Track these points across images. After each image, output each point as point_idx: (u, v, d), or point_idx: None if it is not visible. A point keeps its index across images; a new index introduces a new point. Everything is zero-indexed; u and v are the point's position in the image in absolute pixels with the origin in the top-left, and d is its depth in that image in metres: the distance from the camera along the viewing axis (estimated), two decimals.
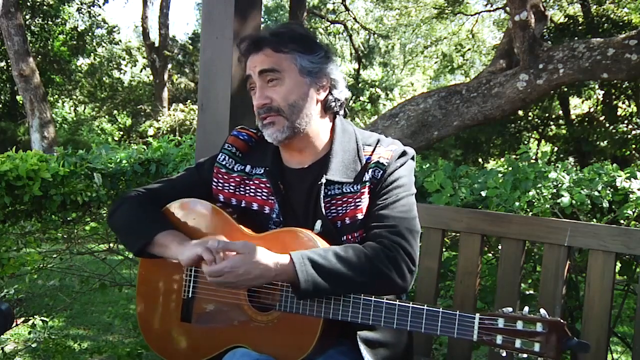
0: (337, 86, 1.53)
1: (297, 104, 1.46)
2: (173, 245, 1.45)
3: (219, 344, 1.48)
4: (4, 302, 1.39)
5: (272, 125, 1.47)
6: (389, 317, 1.32)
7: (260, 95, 1.47)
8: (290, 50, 1.46)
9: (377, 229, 1.43)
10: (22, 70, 9.96)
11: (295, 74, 1.47)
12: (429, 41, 17.61)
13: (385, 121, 5.41)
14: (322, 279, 1.32)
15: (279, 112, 1.46)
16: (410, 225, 1.45)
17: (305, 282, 1.32)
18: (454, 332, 1.28)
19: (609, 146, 8.94)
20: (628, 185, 2.13)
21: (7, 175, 2.69)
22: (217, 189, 1.59)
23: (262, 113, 1.48)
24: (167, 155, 3.06)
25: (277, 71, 1.45)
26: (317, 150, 1.53)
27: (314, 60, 1.48)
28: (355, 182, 1.47)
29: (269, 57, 1.46)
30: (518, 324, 1.24)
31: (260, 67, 1.46)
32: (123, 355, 3.02)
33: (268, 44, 1.46)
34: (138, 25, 21.85)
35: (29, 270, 3.37)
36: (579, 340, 1.22)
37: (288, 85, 1.46)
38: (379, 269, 1.37)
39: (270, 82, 1.46)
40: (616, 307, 2.18)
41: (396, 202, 1.46)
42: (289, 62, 1.46)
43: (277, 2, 22.23)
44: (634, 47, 4.44)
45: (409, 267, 1.41)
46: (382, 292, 1.39)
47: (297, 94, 1.46)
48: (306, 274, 1.32)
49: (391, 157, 1.48)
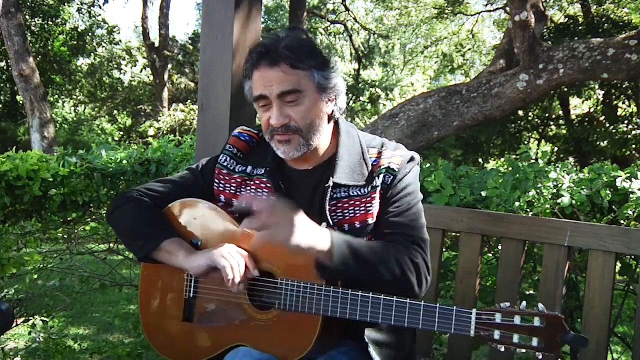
0: (340, 95, 1.51)
1: (314, 122, 1.43)
2: (180, 253, 1.46)
3: (220, 343, 1.48)
4: (4, 302, 1.39)
5: (287, 143, 1.43)
6: (386, 313, 1.32)
7: (279, 114, 1.40)
8: (307, 67, 1.40)
9: (393, 236, 1.44)
10: (22, 70, 9.95)
11: (314, 92, 1.42)
12: (429, 41, 17.61)
13: (385, 121, 5.41)
14: (353, 261, 1.34)
15: (297, 131, 1.42)
16: (422, 234, 1.47)
17: (339, 259, 1.32)
18: (451, 327, 1.28)
19: (609, 146, 8.94)
20: (628, 185, 2.13)
21: (7, 175, 2.69)
22: (218, 189, 1.59)
23: (279, 131, 1.42)
24: (167, 155, 3.06)
25: (298, 91, 1.39)
26: (320, 154, 1.52)
27: (328, 76, 1.44)
28: (364, 185, 1.46)
29: (288, 75, 1.38)
30: (515, 318, 1.24)
31: (279, 89, 1.39)
32: (123, 355, 3.02)
33: (284, 59, 1.38)
34: (138, 25, 21.88)
35: (29, 270, 3.38)
36: (577, 334, 1.21)
37: (307, 105, 1.41)
38: (402, 269, 1.38)
39: (290, 103, 1.40)
40: (616, 307, 2.18)
41: (408, 210, 1.46)
42: (307, 79, 1.41)
43: (277, 2, 22.22)
44: (634, 47, 4.44)
45: (426, 275, 1.42)
46: (399, 292, 1.36)
47: (314, 112, 1.43)
48: (341, 251, 1.33)
49: (401, 163, 1.48)
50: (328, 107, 1.48)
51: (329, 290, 1.36)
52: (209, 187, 1.60)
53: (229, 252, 1.41)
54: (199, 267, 1.41)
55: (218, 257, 1.40)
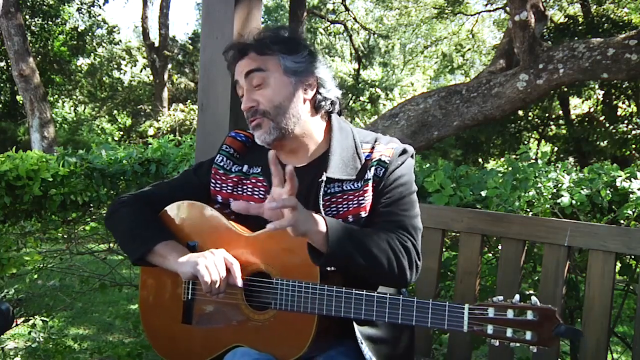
0: (325, 85, 1.54)
1: (283, 104, 1.47)
2: (172, 256, 1.46)
3: (219, 345, 1.48)
4: (4, 302, 1.39)
5: (259, 127, 1.48)
6: (380, 311, 1.32)
7: (247, 98, 1.49)
8: (273, 52, 1.48)
9: (384, 224, 1.45)
10: (22, 70, 9.96)
11: (280, 74, 1.48)
12: (429, 41, 17.61)
13: (385, 121, 5.41)
14: (348, 239, 1.34)
15: (265, 114, 1.47)
16: (413, 222, 1.47)
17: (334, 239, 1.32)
18: (444, 323, 1.27)
19: (609, 146, 8.94)
20: (628, 185, 2.13)
21: (7, 175, 2.69)
22: (215, 190, 1.59)
23: (249, 116, 1.50)
24: (167, 155, 3.06)
25: (262, 70, 1.47)
26: (313, 150, 1.53)
27: (298, 60, 1.49)
28: (356, 179, 1.47)
29: (254, 60, 1.48)
30: (509, 312, 1.23)
31: (246, 69, 1.48)
32: (123, 355, 3.02)
33: (252, 49, 1.49)
34: (138, 25, 21.88)
35: (29, 270, 3.38)
36: (570, 327, 1.20)
37: (273, 87, 1.47)
38: (395, 252, 1.39)
39: (257, 87, 1.48)
40: (616, 307, 2.18)
41: (400, 200, 1.47)
42: (274, 62, 1.48)
43: (277, 2, 22.23)
44: (634, 47, 4.44)
45: (416, 260, 1.43)
46: (392, 277, 1.40)
47: (282, 94, 1.47)
48: (336, 230, 1.33)
49: (392, 155, 1.49)
50: (307, 94, 1.51)
51: (323, 289, 1.36)
52: (205, 189, 1.60)
53: (214, 261, 1.41)
54: (185, 274, 1.42)
55: (201, 266, 1.39)
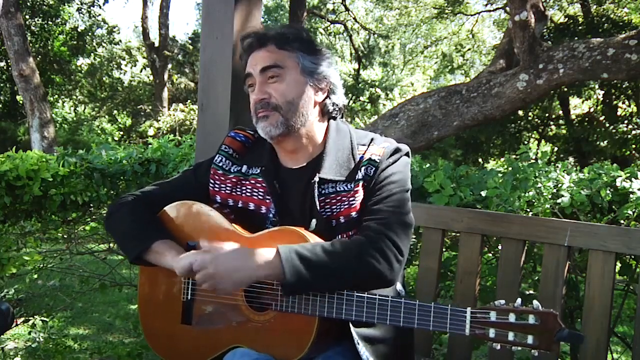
0: (336, 91, 1.55)
1: (295, 101, 1.47)
2: (169, 254, 1.46)
3: (219, 345, 1.48)
4: (4, 302, 1.39)
5: (265, 118, 1.47)
6: (382, 313, 1.32)
7: (259, 90, 1.47)
8: (293, 49, 1.48)
9: (365, 222, 1.43)
10: (22, 70, 9.95)
11: (296, 72, 1.48)
12: (429, 41, 17.61)
13: (385, 121, 5.41)
14: (308, 272, 1.32)
15: (276, 108, 1.46)
16: (400, 218, 1.44)
17: (292, 274, 1.31)
18: (446, 326, 1.27)
19: (609, 146, 8.93)
20: (628, 185, 2.13)
21: (7, 175, 2.69)
22: (214, 190, 1.59)
23: (258, 108, 1.48)
24: (167, 155, 3.06)
25: (279, 67, 1.46)
26: (311, 151, 1.53)
27: (315, 62, 1.50)
28: (348, 180, 1.47)
29: (273, 53, 1.47)
30: (510, 316, 1.23)
31: (262, 64, 1.46)
32: (123, 355, 3.03)
33: (272, 41, 1.48)
34: (138, 25, 21.86)
35: (29, 270, 3.38)
36: (572, 331, 1.21)
37: (288, 83, 1.47)
38: (366, 260, 1.36)
39: (271, 79, 1.47)
40: (616, 307, 2.18)
41: (388, 198, 1.45)
42: (292, 60, 1.48)
43: (277, 2, 22.22)
44: (634, 47, 4.43)
45: (395, 256, 1.39)
46: (370, 284, 1.37)
47: (296, 92, 1.47)
48: (292, 266, 1.31)
49: (383, 154, 1.48)
50: (318, 96, 1.51)
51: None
52: (204, 189, 1.60)
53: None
54: (183, 268, 1.40)
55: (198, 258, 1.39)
